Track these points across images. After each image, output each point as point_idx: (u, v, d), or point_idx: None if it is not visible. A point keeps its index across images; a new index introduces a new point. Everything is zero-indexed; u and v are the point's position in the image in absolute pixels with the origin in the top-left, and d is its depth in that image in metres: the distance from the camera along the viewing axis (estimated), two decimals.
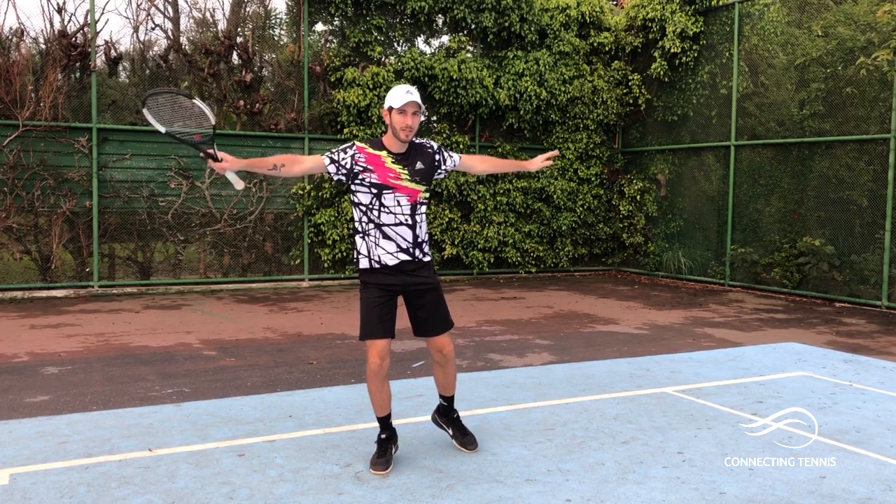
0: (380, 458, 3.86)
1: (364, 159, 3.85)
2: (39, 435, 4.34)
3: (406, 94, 3.78)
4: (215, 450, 4.13)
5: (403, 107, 3.77)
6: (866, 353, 7.10)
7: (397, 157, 3.90)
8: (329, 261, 11.63)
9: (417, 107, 3.80)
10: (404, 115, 3.78)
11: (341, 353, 6.75)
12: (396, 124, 3.80)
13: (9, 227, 9.86)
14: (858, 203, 10.33)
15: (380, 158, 3.87)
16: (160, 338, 7.37)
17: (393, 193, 3.85)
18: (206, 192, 10.95)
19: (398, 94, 3.79)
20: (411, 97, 3.77)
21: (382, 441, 3.93)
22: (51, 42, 10.15)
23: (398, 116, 3.79)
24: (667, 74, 12.91)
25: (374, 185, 3.82)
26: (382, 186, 3.83)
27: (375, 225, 3.86)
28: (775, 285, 11.22)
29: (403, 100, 3.76)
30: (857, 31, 10.36)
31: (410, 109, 3.79)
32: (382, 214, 3.85)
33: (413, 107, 3.79)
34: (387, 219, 3.85)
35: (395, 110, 3.79)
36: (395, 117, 3.80)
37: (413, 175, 3.90)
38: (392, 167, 3.86)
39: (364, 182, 3.84)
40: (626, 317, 9.10)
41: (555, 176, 13.33)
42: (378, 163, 3.85)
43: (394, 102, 3.79)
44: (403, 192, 3.87)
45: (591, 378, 5.90)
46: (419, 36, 12.49)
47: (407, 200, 3.88)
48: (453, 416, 4.22)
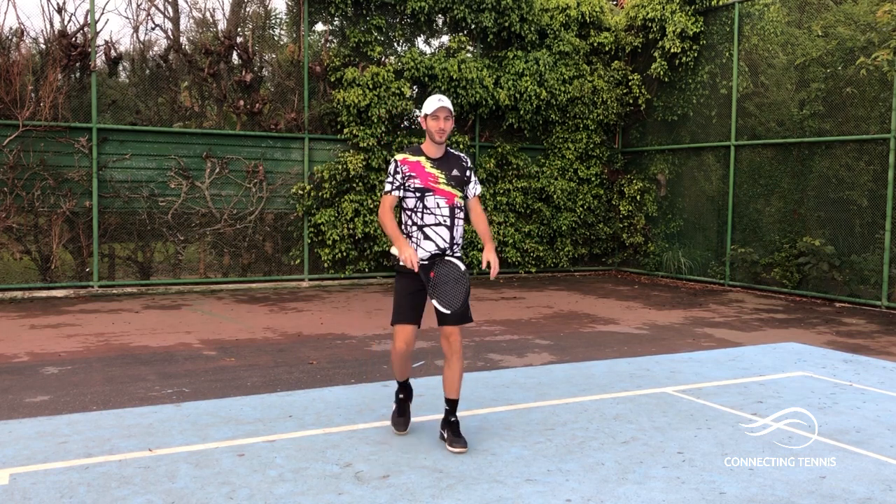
0: (400, 417, 4.46)
1: (408, 168, 4.29)
2: (39, 435, 4.34)
3: (438, 101, 4.26)
4: (215, 450, 4.13)
5: (436, 112, 4.25)
6: (866, 353, 7.10)
7: (435, 161, 4.34)
8: (329, 261, 11.63)
9: (449, 112, 4.27)
10: (437, 120, 4.26)
11: (341, 353, 6.75)
12: (431, 128, 4.28)
13: (9, 227, 9.86)
14: (858, 203, 10.33)
15: (419, 164, 4.31)
16: (160, 338, 7.37)
17: (433, 196, 4.28)
18: (206, 192, 10.95)
19: (431, 102, 4.28)
20: (442, 103, 4.25)
21: (401, 401, 4.49)
22: (51, 42, 10.15)
23: (432, 121, 4.27)
24: (667, 74, 12.91)
25: (417, 188, 4.27)
26: (424, 189, 4.27)
27: (418, 227, 4.28)
28: (775, 285, 11.22)
29: (436, 106, 4.25)
30: (857, 31, 10.36)
31: (442, 114, 4.26)
32: (425, 216, 4.28)
33: (444, 111, 4.26)
34: (428, 219, 4.28)
35: (429, 116, 4.28)
36: (430, 122, 4.28)
37: (449, 180, 4.32)
38: (431, 171, 4.31)
39: (410, 187, 4.28)
40: (626, 317, 9.10)
41: (555, 176, 13.33)
42: (419, 168, 4.30)
43: (428, 109, 4.28)
44: (442, 194, 4.29)
45: (591, 378, 5.90)
46: (419, 36, 12.49)
47: (445, 203, 4.29)
48: (451, 419, 4.29)
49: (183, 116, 11.32)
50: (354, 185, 11.61)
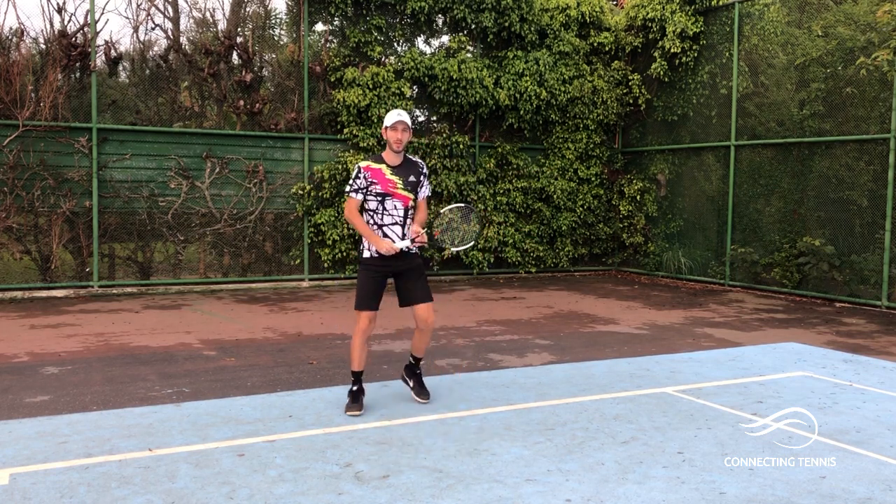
0: (354, 403, 4.88)
1: (370, 175, 4.89)
2: (39, 435, 4.34)
3: (397, 115, 4.85)
4: (215, 450, 4.13)
5: (395, 125, 4.86)
6: (866, 353, 7.10)
7: (394, 169, 4.94)
8: (329, 261, 11.63)
9: (406, 125, 4.88)
10: (395, 131, 4.87)
11: (341, 353, 6.75)
12: (390, 138, 4.89)
13: (9, 227, 9.86)
14: (858, 203, 10.33)
15: (381, 171, 4.91)
16: (160, 338, 7.37)
17: (392, 199, 4.90)
18: (206, 192, 10.95)
19: (391, 116, 4.86)
20: (400, 117, 4.85)
21: (355, 392, 4.95)
22: (51, 42, 10.15)
23: (391, 132, 4.88)
24: (667, 74, 12.91)
25: (378, 193, 4.89)
26: (385, 194, 4.88)
27: (378, 226, 4.93)
28: (775, 285, 11.22)
29: (394, 119, 4.85)
30: (857, 31, 10.36)
31: (400, 127, 4.86)
32: (384, 216, 4.92)
33: (402, 125, 4.86)
34: (386, 220, 4.93)
35: (388, 128, 4.88)
36: (389, 133, 4.89)
37: (406, 185, 4.94)
38: (391, 178, 4.91)
39: (371, 192, 4.89)
40: (626, 317, 9.10)
41: (555, 176, 13.33)
42: (380, 175, 4.90)
43: (387, 122, 4.88)
44: (399, 198, 4.92)
45: (591, 378, 5.90)
46: (419, 36, 12.48)
47: (402, 205, 4.93)
48: (417, 371, 5.24)
49: (183, 116, 11.32)
50: None
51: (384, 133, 4.92)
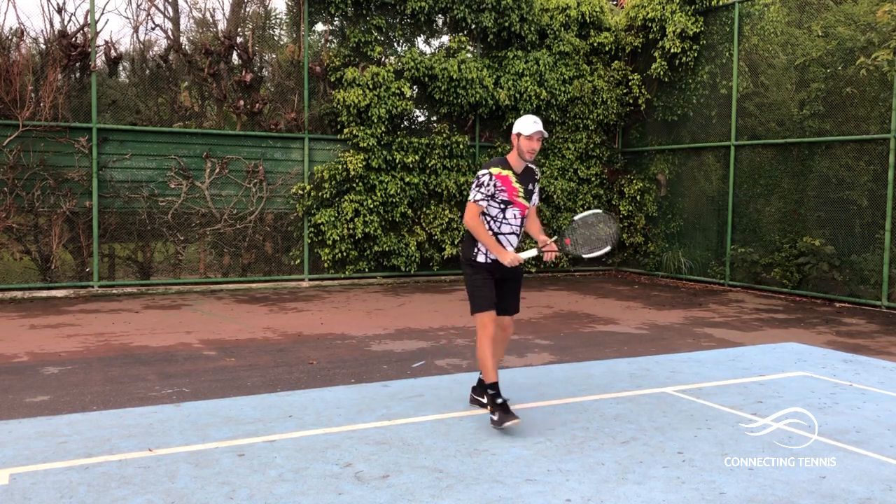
0: (507, 413, 4.43)
1: (500, 182, 4.63)
2: (39, 435, 4.34)
3: (534, 123, 4.58)
4: (215, 450, 4.13)
5: (532, 134, 4.57)
6: (866, 353, 7.10)
7: (518, 176, 4.71)
8: (329, 261, 11.62)
9: (543, 135, 4.61)
10: (531, 141, 4.59)
11: (341, 353, 6.75)
12: (524, 147, 4.61)
13: (9, 227, 9.85)
14: (858, 203, 10.33)
15: (508, 178, 4.66)
16: (160, 338, 7.37)
17: (513, 208, 4.69)
18: (206, 192, 10.95)
19: (527, 123, 4.59)
20: (538, 126, 4.57)
21: (503, 404, 4.49)
22: (51, 42, 10.15)
23: (526, 141, 4.60)
24: (667, 74, 12.91)
25: (503, 201, 4.66)
26: (508, 202, 4.67)
27: (494, 234, 4.69)
28: (775, 285, 11.22)
29: (532, 129, 4.56)
30: (857, 31, 10.36)
31: (536, 136, 4.58)
32: (503, 225, 4.70)
33: (539, 135, 4.59)
34: (505, 228, 4.71)
35: (523, 136, 4.59)
36: (524, 142, 4.60)
37: (526, 194, 4.74)
38: (516, 186, 4.68)
39: (497, 199, 4.64)
40: (625, 317, 9.10)
41: (555, 176, 13.33)
42: (508, 182, 4.66)
43: (524, 131, 4.59)
44: (519, 206, 4.71)
45: (591, 378, 5.90)
46: (419, 36, 12.48)
47: (520, 213, 4.73)
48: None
49: (183, 116, 11.32)
50: (354, 185, 11.61)
51: (515, 139, 4.64)
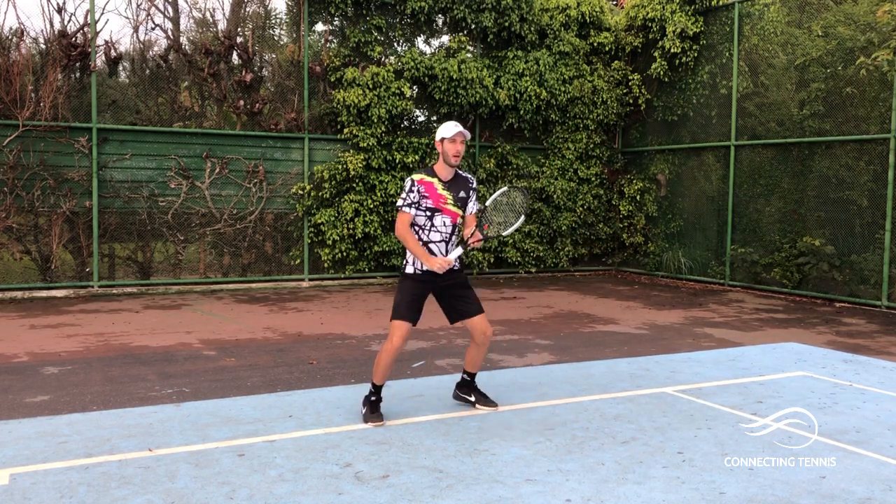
0: (373, 413, 4.64)
1: (423, 189, 4.62)
2: (39, 435, 4.34)
3: (454, 126, 4.61)
4: (215, 450, 4.13)
5: (454, 136, 4.60)
6: (866, 353, 7.10)
7: (445, 184, 4.69)
8: (329, 261, 11.62)
9: (465, 137, 4.63)
10: (454, 143, 4.61)
11: (341, 353, 6.75)
12: (448, 151, 4.61)
13: (9, 227, 9.85)
14: (858, 203, 10.33)
15: (433, 185, 4.65)
16: (160, 338, 7.37)
17: (441, 215, 4.66)
18: (206, 192, 10.95)
19: (448, 126, 4.62)
20: (459, 128, 4.60)
21: (374, 402, 4.69)
22: (51, 42, 10.15)
23: (449, 144, 4.61)
24: (667, 74, 12.91)
25: (428, 208, 4.63)
26: (434, 209, 4.64)
27: (423, 242, 4.67)
28: (775, 285, 11.22)
29: (453, 130, 4.59)
30: (857, 31, 10.35)
31: (459, 139, 4.61)
32: (431, 233, 4.67)
33: (461, 136, 4.61)
34: (434, 236, 4.68)
35: (446, 140, 4.62)
36: (447, 145, 4.62)
37: (456, 201, 4.70)
38: (442, 193, 4.66)
39: (421, 206, 4.63)
40: (625, 317, 9.10)
41: (555, 176, 13.33)
42: (432, 189, 4.64)
43: (445, 134, 4.62)
44: (448, 214, 4.68)
45: (591, 378, 5.90)
46: (419, 36, 12.49)
47: (450, 221, 4.70)
48: (474, 385, 5.03)
49: (183, 116, 11.32)
50: (354, 185, 11.61)
51: (439, 145, 4.65)
